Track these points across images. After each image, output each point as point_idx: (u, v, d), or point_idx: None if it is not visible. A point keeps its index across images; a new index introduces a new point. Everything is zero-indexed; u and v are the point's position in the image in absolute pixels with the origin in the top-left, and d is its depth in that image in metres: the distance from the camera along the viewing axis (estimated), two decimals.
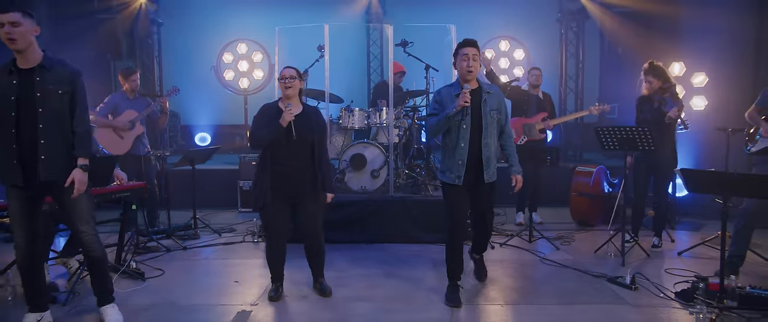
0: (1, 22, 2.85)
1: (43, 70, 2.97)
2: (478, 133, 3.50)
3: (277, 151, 3.58)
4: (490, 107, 3.54)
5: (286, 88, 3.59)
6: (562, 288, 3.98)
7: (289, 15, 8.19)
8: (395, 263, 4.62)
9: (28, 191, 3.04)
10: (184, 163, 5.68)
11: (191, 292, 3.92)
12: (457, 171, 3.51)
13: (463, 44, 3.53)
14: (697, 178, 3.45)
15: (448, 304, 3.57)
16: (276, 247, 3.74)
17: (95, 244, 3.20)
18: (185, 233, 5.53)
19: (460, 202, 3.59)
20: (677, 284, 3.89)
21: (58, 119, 3.00)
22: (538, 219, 6.06)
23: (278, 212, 3.63)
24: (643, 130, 4.43)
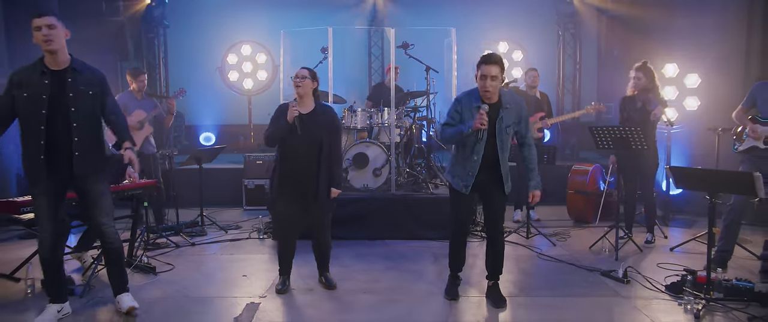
0: (39, 25, 3.04)
1: (74, 72, 3.17)
2: (493, 149, 3.46)
3: (286, 149, 3.74)
4: (507, 124, 3.45)
5: (297, 87, 3.74)
6: (557, 282, 4.14)
7: (293, 17, 8.37)
8: (397, 258, 4.78)
9: (54, 187, 3.21)
10: (191, 162, 5.85)
11: (201, 285, 4.09)
12: (466, 181, 3.50)
13: (484, 61, 3.36)
14: (684, 175, 3.62)
15: (446, 297, 3.72)
16: (285, 242, 3.90)
17: (114, 236, 3.39)
18: (192, 230, 5.70)
19: (464, 207, 3.62)
20: (668, 278, 4.04)
21: (89, 118, 3.22)
22: (535, 216, 6.23)
23: (288, 207, 3.79)
24: (636, 130, 4.60)
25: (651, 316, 3.43)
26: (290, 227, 3.87)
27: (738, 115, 4.25)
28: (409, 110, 6.30)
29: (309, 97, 3.80)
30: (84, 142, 3.19)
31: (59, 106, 3.12)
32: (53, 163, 3.16)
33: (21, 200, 3.80)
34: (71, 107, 3.12)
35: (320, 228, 3.89)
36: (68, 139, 3.15)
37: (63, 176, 3.21)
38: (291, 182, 3.75)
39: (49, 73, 3.13)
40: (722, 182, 3.48)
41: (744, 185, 3.34)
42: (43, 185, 3.19)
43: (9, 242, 5.42)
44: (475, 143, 3.44)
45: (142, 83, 5.67)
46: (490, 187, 3.57)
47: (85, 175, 3.23)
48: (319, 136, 3.73)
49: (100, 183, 3.29)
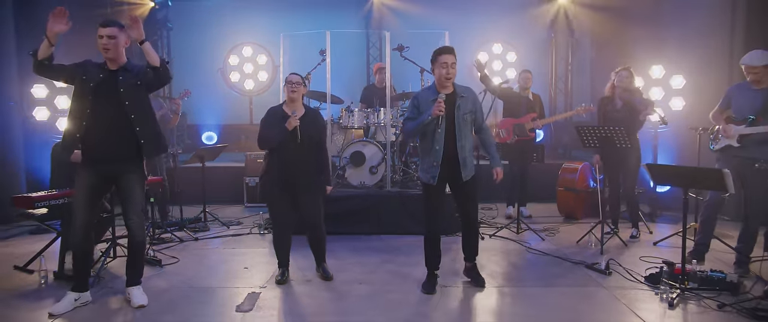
0: (102, 34, 3.38)
1: (125, 70, 3.46)
2: (452, 137, 3.69)
3: (283, 152, 3.98)
4: (464, 111, 3.71)
5: (291, 92, 3.99)
6: (543, 273, 4.36)
7: (293, 20, 8.61)
8: (391, 251, 5.01)
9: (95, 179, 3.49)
10: (194, 160, 6.07)
11: (205, 276, 4.31)
12: (432, 172, 3.73)
13: (442, 52, 3.65)
14: (659, 171, 3.84)
15: (424, 291, 3.87)
16: (282, 235, 4.13)
17: (141, 230, 3.64)
18: (196, 226, 5.92)
19: (434, 198, 3.83)
20: (647, 270, 4.25)
21: (143, 108, 3.51)
22: (527, 213, 6.44)
23: (283, 204, 4.04)
24: (619, 130, 4.81)
25: (628, 304, 3.65)
26: (286, 221, 4.09)
27: (714, 116, 4.46)
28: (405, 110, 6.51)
29: (300, 101, 4.06)
30: (145, 129, 3.48)
31: (113, 101, 3.40)
32: (101, 155, 3.44)
33: (36, 195, 4.02)
34: (125, 101, 3.41)
35: (315, 222, 4.12)
36: (122, 132, 3.43)
37: (109, 169, 3.48)
38: (286, 179, 3.98)
39: (107, 70, 3.46)
40: (695, 178, 3.70)
41: (715, 181, 3.56)
42: (86, 177, 3.46)
43: (20, 237, 5.65)
44: (434, 131, 3.67)
45: None
46: (456, 176, 3.79)
47: (133, 168, 3.51)
48: (313, 137, 4.02)
49: (137, 179, 3.56)
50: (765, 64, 4.08)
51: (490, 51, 9.36)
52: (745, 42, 5.89)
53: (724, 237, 4.92)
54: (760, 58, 4.11)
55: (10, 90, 6.34)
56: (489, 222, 6.08)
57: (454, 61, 3.65)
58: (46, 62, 3.30)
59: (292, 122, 3.89)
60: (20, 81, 6.40)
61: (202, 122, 9.25)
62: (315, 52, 6.47)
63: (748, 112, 4.19)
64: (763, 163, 3.84)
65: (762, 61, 4.09)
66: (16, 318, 3.47)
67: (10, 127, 6.35)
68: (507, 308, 3.67)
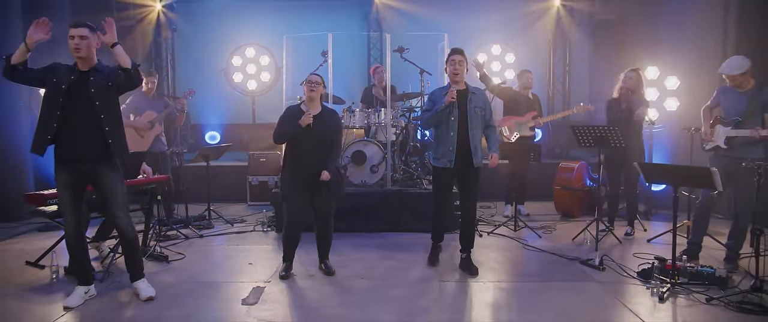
0: (73, 34, 3.47)
1: (95, 71, 3.56)
2: (465, 126, 4.20)
3: (298, 148, 4.11)
4: (475, 105, 4.24)
5: (310, 91, 4.13)
6: (539, 269, 4.49)
7: (295, 21, 8.74)
8: (391, 248, 5.13)
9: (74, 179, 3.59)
10: (199, 159, 6.19)
11: (210, 271, 4.44)
12: (449, 156, 4.23)
13: (452, 52, 4.27)
14: (650, 170, 3.98)
15: (428, 263, 4.46)
16: (295, 231, 4.24)
17: (129, 227, 3.73)
18: (200, 223, 6.05)
19: (447, 179, 4.34)
20: (640, 266, 4.37)
21: (113, 108, 3.60)
22: (525, 211, 6.57)
23: (301, 200, 4.16)
24: (614, 129, 4.93)
25: (620, 298, 3.78)
26: (301, 218, 4.21)
27: (704, 112, 4.59)
28: (405, 110, 6.64)
29: (318, 101, 4.19)
30: (113, 129, 3.57)
31: (84, 101, 3.49)
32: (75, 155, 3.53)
33: (47, 192, 4.16)
34: (95, 101, 3.49)
35: (326, 218, 4.26)
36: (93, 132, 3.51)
37: (84, 168, 3.57)
38: (302, 176, 4.11)
39: (78, 71, 3.55)
40: (684, 176, 3.83)
41: (703, 179, 3.69)
42: (64, 179, 3.56)
43: (30, 234, 5.78)
44: (448, 119, 4.21)
45: (153, 84, 6.01)
46: (465, 168, 4.27)
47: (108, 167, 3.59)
48: (327, 135, 4.15)
49: (114, 177, 3.63)
50: (743, 72, 4.22)
51: (490, 52, 9.48)
52: (737, 43, 6.00)
53: (717, 234, 5.04)
54: (737, 66, 4.24)
55: (19, 90, 6.47)
56: (487, 220, 6.20)
57: (461, 59, 4.22)
58: (19, 67, 3.39)
59: (305, 119, 4.03)
60: None
61: (205, 122, 9.37)
62: (317, 53, 6.59)
63: (733, 114, 4.33)
64: (749, 161, 3.96)
65: (740, 70, 4.23)
66: (30, 311, 3.61)
67: (19, 127, 6.48)
68: (504, 302, 3.80)
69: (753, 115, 4.24)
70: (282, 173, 4.26)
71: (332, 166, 4.18)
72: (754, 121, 4.23)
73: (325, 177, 4.17)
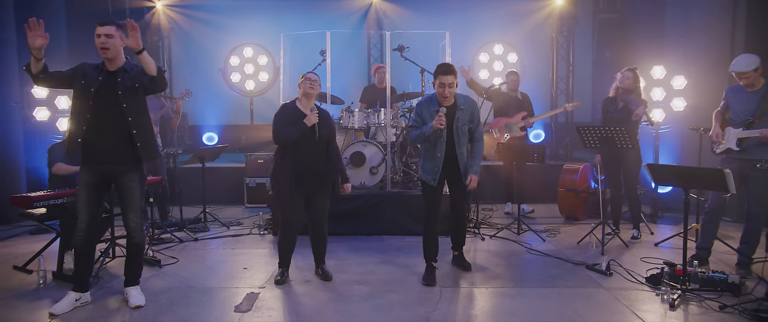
0: (99, 33, 3.37)
1: (123, 72, 3.46)
2: (452, 145, 4.01)
3: (299, 149, 3.96)
4: (462, 123, 4.00)
5: (310, 88, 4.00)
6: (543, 274, 4.34)
7: (293, 20, 8.60)
8: (391, 252, 4.99)
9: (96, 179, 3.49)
10: (194, 160, 6.06)
11: (204, 277, 4.30)
12: (433, 175, 4.05)
13: (441, 71, 3.88)
14: (660, 172, 3.82)
15: (424, 283, 4.07)
16: (290, 235, 4.11)
17: (139, 231, 3.63)
18: (196, 226, 5.91)
19: (434, 198, 4.12)
20: (649, 271, 4.22)
21: (140, 110, 3.51)
22: (528, 209, 6.46)
23: (297, 204, 4.02)
24: (620, 130, 4.79)
25: (629, 305, 3.63)
26: (296, 221, 4.08)
27: (715, 116, 4.44)
28: (406, 111, 6.50)
29: (314, 99, 4.07)
30: (142, 132, 3.49)
31: (112, 103, 3.41)
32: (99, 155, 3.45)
33: (34, 195, 4.02)
34: (123, 103, 3.41)
35: (321, 220, 4.12)
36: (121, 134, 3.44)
37: (109, 170, 3.49)
38: (302, 177, 3.96)
39: (106, 72, 3.46)
40: (696, 178, 3.67)
41: (716, 181, 3.53)
42: (86, 177, 3.47)
43: (20, 238, 5.64)
44: (436, 141, 3.97)
45: None
46: (452, 177, 4.13)
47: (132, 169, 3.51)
48: (326, 135, 4.04)
49: (137, 180, 3.56)
50: (754, 68, 4.08)
51: (491, 51, 9.34)
52: (746, 42, 5.87)
53: (726, 238, 4.90)
54: (748, 64, 4.10)
55: (12, 91, 6.36)
56: (489, 223, 6.06)
57: (452, 81, 3.86)
58: (41, 75, 3.30)
59: (312, 118, 3.89)
60: (21, 82, 6.41)
61: (202, 123, 9.25)
62: (316, 52, 6.46)
63: (744, 115, 4.19)
64: (764, 163, 3.81)
65: (750, 66, 4.09)
66: (15, 318, 3.47)
67: (12, 128, 6.35)
68: (508, 309, 3.65)
69: (765, 114, 4.09)
70: (274, 174, 4.08)
71: (345, 173, 4.21)
72: (766, 121, 4.08)
73: (347, 190, 4.24)
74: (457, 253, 4.47)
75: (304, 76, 4.05)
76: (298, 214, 4.07)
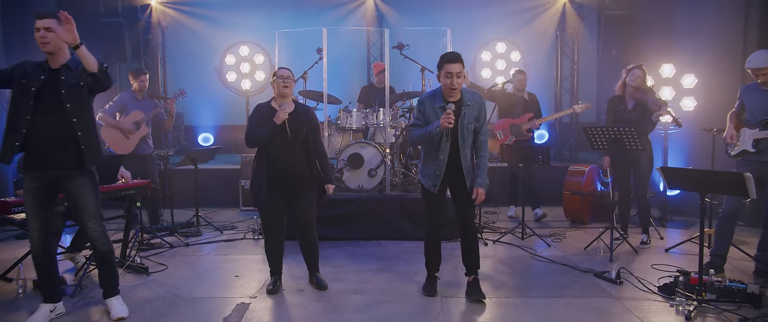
0: (38, 27, 3.14)
1: (67, 69, 3.23)
2: (456, 146, 3.57)
3: (272, 149, 3.74)
4: (468, 120, 3.56)
5: (284, 87, 3.76)
6: (549, 283, 4.12)
7: (291, 18, 8.37)
8: (390, 258, 4.78)
9: (43, 185, 3.25)
10: (186, 162, 5.86)
11: (193, 285, 4.09)
12: (434, 180, 3.60)
13: (447, 59, 3.46)
14: (674, 175, 3.60)
15: (424, 293, 3.82)
16: (274, 241, 3.91)
17: (102, 238, 3.39)
18: (188, 231, 5.71)
19: (436, 205, 3.72)
20: (661, 279, 4.01)
21: (86, 111, 3.27)
22: (540, 213, 6.24)
23: (275, 207, 3.81)
24: (630, 131, 4.57)
25: (642, 317, 3.41)
26: (278, 226, 3.88)
27: (730, 118, 4.22)
28: (406, 110, 6.29)
29: (290, 97, 3.86)
30: (87, 135, 3.26)
31: (54, 103, 3.18)
32: (44, 162, 3.22)
33: (12, 200, 3.82)
34: (67, 103, 3.18)
35: (307, 224, 3.90)
36: (64, 136, 3.21)
37: (54, 175, 3.24)
38: (279, 180, 3.75)
39: (48, 70, 3.23)
40: (713, 182, 3.45)
41: (735, 185, 3.32)
42: (32, 184, 3.23)
43: (5, 242, 5.44)
44: (440, 142, 3.53)
45: (144, 84, 5.70)
46: (457, 184, 3.66)
47: (79, 173, 3.27)
48: (304, 134, 3.80)
49: (86, 184, 3.31)
50: None
51: (494, 50, 9.11)
52: (759, 39, 5.65)
53: (740, 243, 4.68)
54: (766, 59, 3.88)
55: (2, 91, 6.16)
56: (492, 227, 5.84)
57: (460, 70, 3.45)
58: None
59: (280, 116, 3.66)
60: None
61: (197, 123, 9.03)
62: (313, 50, 6.24)
63: (761, 115, 3.97)
64: None
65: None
66: None
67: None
68: (513, 320, 3.43)
69: None
70: (253, 178, 3.86)
71: (331, 174, 3.92)
72: None
73: (331, 191, 3.94)
74: (471, 279, 3.75)
75: (275, 74, 3.82)
76: (279, 219, 3.86)
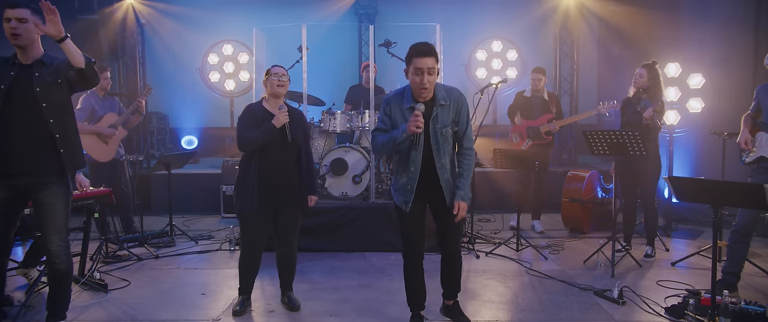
0: (9, 17, 2.84)
1: (41, 65, 2.92)
2: (430, 155, 2.98)
3: (266, 155, 3.39)
4: (442, 123, 2.96)
5: (279, 86, 3.42)
6: (545, 302, 3.76)
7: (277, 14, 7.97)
8: (373, 273, 4.41)
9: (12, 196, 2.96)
10: (159, 167, 5.50)
11: (154, 305, 3.72)
12: (406, 196, 3.03)
13: (417, 52, 2.84)
14: (685, 186, 3.22)
15: None
16: (252, 258, 3.56)
17: (63, 256, 3.05)
18: (160, 241, 5.34)
19: (411, 227, 3.11)
20: (668, 298, 3.67)
21: (64, 111, 2.97)
22: (540, 228, 5.83)
23: (262, 220, 3.46)
24: (634, 134, 4.21)
25: None
26: (260, 240, 3.53)
27: (745, 120, 3.85)
28: None
29: (283, 98, 3.50)
30: (66, 137, 2.96)
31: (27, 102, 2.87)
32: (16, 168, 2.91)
33: None
34: (42, 102, 2.87)
35: (289, 239, 3.56)
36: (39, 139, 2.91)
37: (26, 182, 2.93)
38: (270, 189, 3.41)
39: (19, 65, 2.92)
40: (729, 194, 3.07)
41: (754, 198, 2.94)
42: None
43: None
44: (410, 150, 2.96)
45: (106, 81, 5.30)
46: (435, 201, 3.09)
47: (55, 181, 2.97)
48: (299, 139, 3.48)
49: (60, 195, 2.98)
50: None
51: (489, 48, 8.74)
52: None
53: (753, 257, 4.32)
54: None
55: None
56: (484, 237, 5.46)
57: (432, 66, 2.84)
58: None
59: (281, 118, 3.33)
60: None
61: (180, 126, 8.65)
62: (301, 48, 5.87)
63: None
64: None
65: None
66: None
67: None
68: None
69: None
70: (239, 185, 3.48)
71: (314, 183, 3.58)
72: None
73: (312, 203, 3.56)
74: (451, 303, 3.32)
75: (269, 71, 3.46)
76: (264, 232, 3.51)
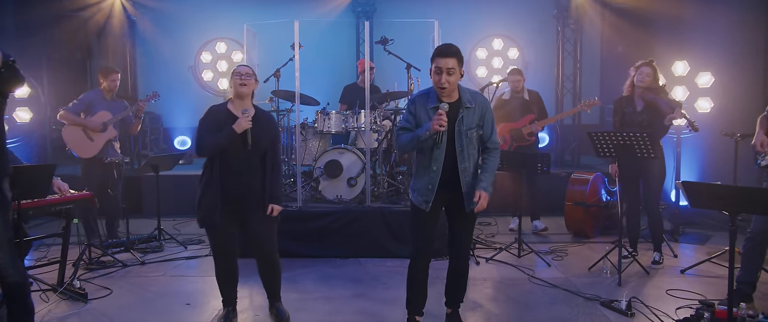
0: None
1: None
2: (453, 157, 3.00)
3: (227, 161, 3.19)
4: (467, 126, 2.99)
5: (241, 86, 3.20)
6: (548, 314, 3.56)
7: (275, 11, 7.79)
8: (368, 281, 4.21)
9: None
10: (146, 169, 5.31)
11: (135, 315, 3.54)
12: (426, 195, 3.04)
13: (439, 53, 2.93)
14: (700, 192, 3.01)
15: None
16: (227, 268, 3.36)
17: (9, 268, 2.79)
18: (148, 246, 5.14)
19: (425, 228, 3.11)
20: (679, 310, 3.48)
21: None
22: (541, 226, 5.69)
23: (228, 229, 3.26)
24: (642, 136, 4.00)
25: None
26: (230, 250, 3.33)
27: (761, 122, 3.64)
28: (390, 112, 5.70)
29: (250, 99, 3.28)
30: None
31: None
32: None
33: None
34: None
35: (266, 247, 3.34)
36: None
37: None
38: (233, 198, 3.20)
39: None
40: (748, 201, 2.86)
41: None
42: None
43: None
44: (433, 149, 2.97)
45: (114, 83, 5.18)
46: (454, 204, 3.10)
47: None
48: (265, 145, 3.26)
49: None
50: None
51: (490, 47, 8.54)
52: None
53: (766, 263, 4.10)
54: None
55: None
56: (486, 241, 5.25)
57: (452, 66, 2.90)
58: None
59: (242, 123, 3.12)
60: None
61: (172, 126, 8.47)
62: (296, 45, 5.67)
63: None
64: None
65: None
66: None
67: None
68: None
69: None
70: (202, 194, 3.26)
71: (279, 192, 3.31)
72: None
73: (275, 212, 3.28)
74: (450, 312, 3.31)
75: (233, 71, 3.27)
76: (233, 242, 3.32)
